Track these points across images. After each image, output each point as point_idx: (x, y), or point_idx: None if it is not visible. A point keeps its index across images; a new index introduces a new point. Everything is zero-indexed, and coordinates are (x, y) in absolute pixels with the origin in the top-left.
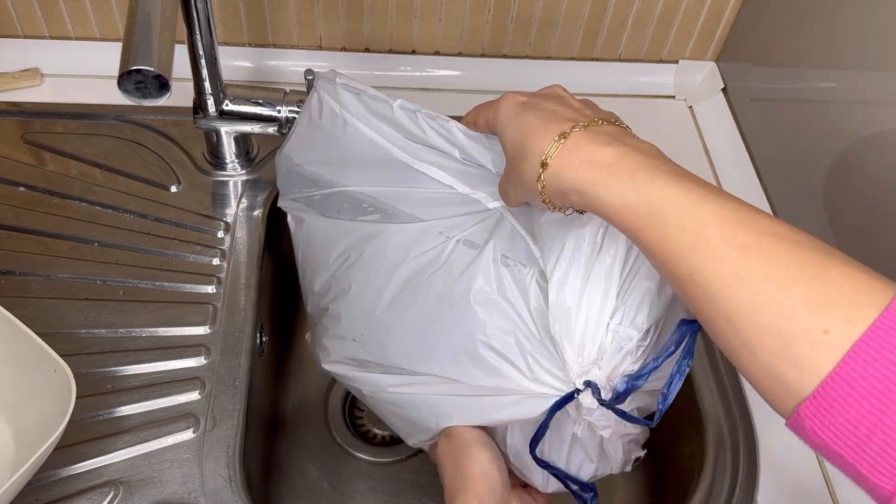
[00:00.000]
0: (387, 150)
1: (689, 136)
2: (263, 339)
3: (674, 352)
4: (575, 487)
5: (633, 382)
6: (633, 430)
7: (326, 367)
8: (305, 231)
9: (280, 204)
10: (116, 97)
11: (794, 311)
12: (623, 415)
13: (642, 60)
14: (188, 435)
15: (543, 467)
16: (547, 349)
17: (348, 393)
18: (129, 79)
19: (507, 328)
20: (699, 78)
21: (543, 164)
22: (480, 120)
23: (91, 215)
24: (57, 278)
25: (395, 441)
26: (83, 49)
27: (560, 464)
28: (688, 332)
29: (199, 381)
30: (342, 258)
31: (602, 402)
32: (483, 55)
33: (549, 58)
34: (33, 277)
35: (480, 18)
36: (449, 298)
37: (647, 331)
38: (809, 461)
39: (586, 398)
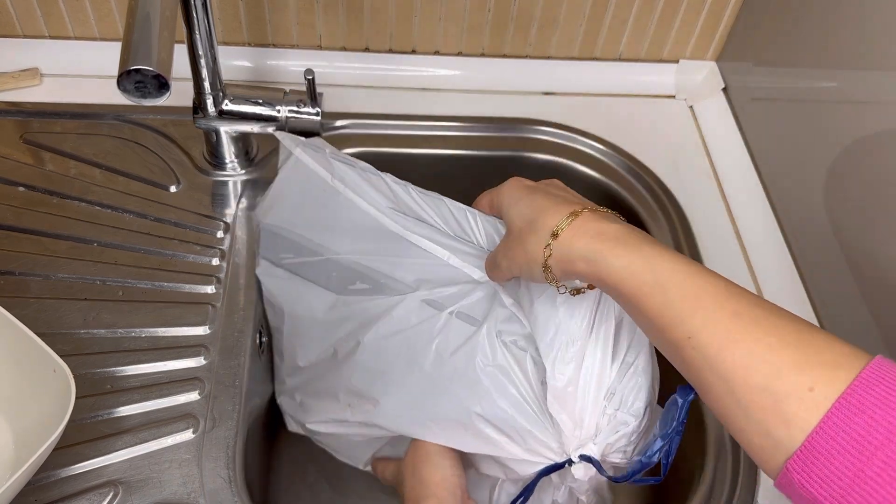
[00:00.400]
0: (379, 221)
1: (690, 136)
2: (263, 339)
3: (680, 424)
4: None
5: (647, 460)
6: (606, 492)
7: (311, 426)
8: (288, 295)
9: (259, 272)
10: (116, 97)
11: (783, 372)
12: (634, 481)
13: (643, 60)
14: (188, 435)
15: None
16: (542, 422)
17: None
18: (128, 78)
19: (503, 403)
20: (700, 78)
21: (554, 235)
22: (484, 201)
23: (90, 215)
24: (56, 278)
25: None
26: (83, 49)
27: None
28: (685, 403)
29: (198, 381)
30: (333, 326)
31: (609, 478)
32: (483, 55)
33: (549, 57)
34: (33, 277)
35: (480, 18)
36: (445, 370)
37: (643, 414)
38: None
39: (579, 470)
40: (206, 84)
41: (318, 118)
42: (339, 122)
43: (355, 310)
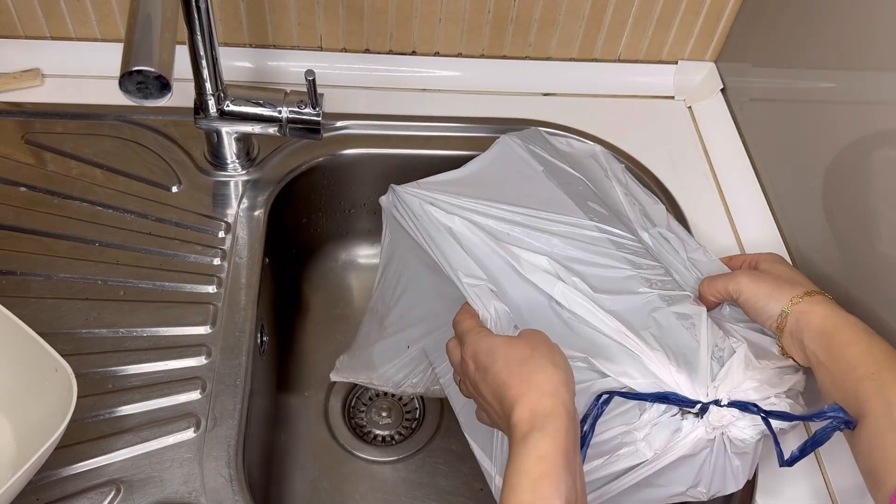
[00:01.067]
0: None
1: (689, 137)
2: (264, 338)
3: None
4: None
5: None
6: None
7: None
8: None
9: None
10: (117, 97)
11: None
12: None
13: (642, 61)
14: (189, 434)
15: (589, 422)
16: (706, 367)
17: (348, 393)
18: (130, 79)
19: (687, 339)
20: (698, 78)
21: (808, 294)
22: (738, 259)
23: (91, 215)
24: (58, 278)
25: (395, 441)
26: (84, 49)
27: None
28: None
29: (199, 380)
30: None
31: (779, 415)
32: (483, 56)
33: (548, 58)
34: (34, 277)
35: (480, 19)
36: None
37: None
38: (809, 461)
39: (717, 414)
40: (208, 85)
41: (319, 119)
42: (339, 123)
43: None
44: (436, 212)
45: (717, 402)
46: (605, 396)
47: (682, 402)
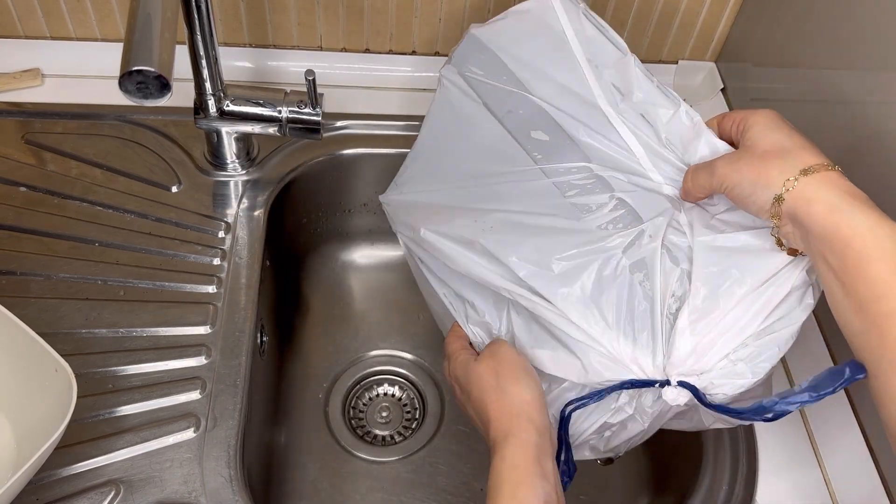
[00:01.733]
0: (590, 88)
1: None
2: (264, 338)
3: (832, 392)
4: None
5: (783, 407)
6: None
7: (426, 233)
8: (458, 109)
9: (443, 71)
10: (117, 97)
11: None
12: (743, 416)
13: (642, 61)
14: (189, 434)
15: (561, 431)
16: (658, 334)
17: (348, 393)
18: (130, 79)
19: (639, 301)
20: (699, 78)
21: (805, 172)
22: (727, 119)
23: (91, 215)
24: (57, 278)
25: (395, 441)
26: (84, 49)
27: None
28: (851, 378)
29: (199, 380)
30: (488, 161)
31: (712, 405)
32: None
33: None
34: (34, 277)
35: (480, 19)
36: (597, 246)
37: (762, 377)
38: (809, 461)
39: (671, 393)
40: (207, 85)
41: (319, 119)
42: (339, 123)
43: (518, 159)
44: (408, 234)
45: (668, 382)
46: (568, 410)
47: (642, 385)
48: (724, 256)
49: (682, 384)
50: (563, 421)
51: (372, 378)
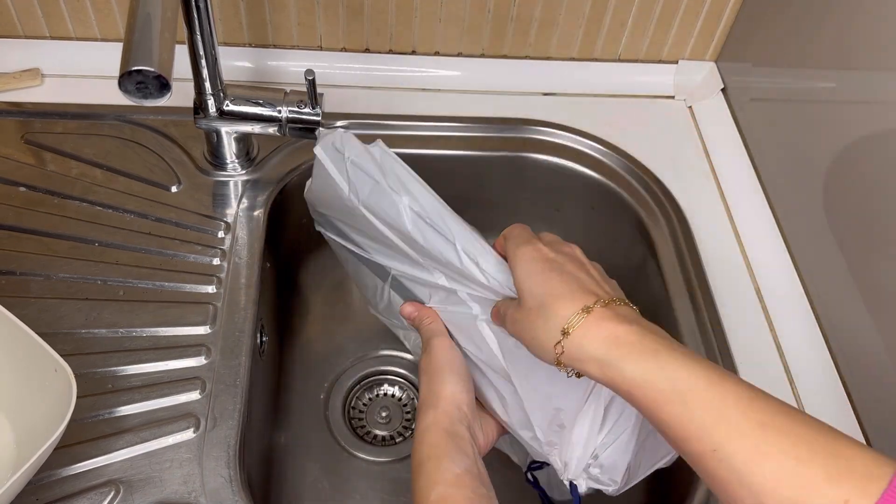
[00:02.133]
0: (395, 242)
1: (689, 137)
2: (264, 338)
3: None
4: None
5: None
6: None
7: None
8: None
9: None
10: (117, 97)
11: (816, 485)
12: None
13: (642, 60)
14: (188, 435)
15: (533, 485)
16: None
17: (348, 393)
18: (129, 79)
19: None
20: (699, 78)
21: (565, 332)
22: (497, 247)
23: (91, 215)
24: (57, 278)
25: (394, 441)
26: (84, 49)
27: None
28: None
29: (199, 380)
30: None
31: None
32: (483, 55)
33: (549, 58)
34: (34, 277)
35: (480, 19)
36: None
37: (620, 481)
38: None
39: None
40: (207, 84)
41: (319, 118)
42: (339, 123)
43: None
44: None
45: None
46: (530, 474)
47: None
48: (541, 387)
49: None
50: (533, 482)
51: (372, 378)
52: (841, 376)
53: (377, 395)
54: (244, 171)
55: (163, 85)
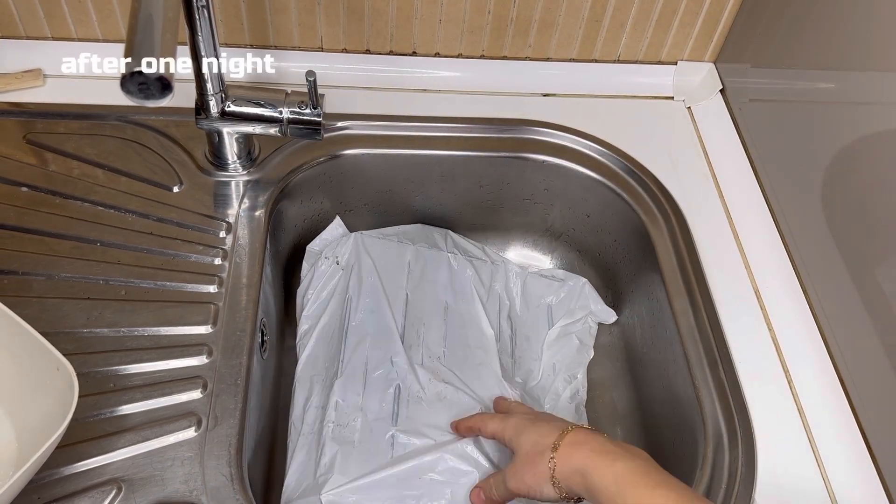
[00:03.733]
0: None
1: (688, 137)
2: (265, 338)
3: None
4: None
5: None
6: None
7: None
8: None
9: None
10: (118, 98)
11: None
12: None
13: (641, 62)
14: (190, 433)
15: None
16: None
17: None
18: (131, 80)
19: None
20: (698, 79)
21: (554, 448)
22: (489, 429)
23: (93, 215)
24: (59, 278)
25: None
26: (85, 50)
27: None
28: None
29: (200, 380)
30: None
31: None
32: (483, 56)
33: (548, 59)
34: (36, 277)
35: (480, 20)
36: None
37: None
38: (807, 460)
39: None
40: (209, 85)
41: (320, 119)
42: (340, 123)
43: None
44: None
45: None
46: None
47: None
48: None
49: None
50: None
51: None
52: (839, 375)
53: None
54: (245, 172)
55: (164, 86)
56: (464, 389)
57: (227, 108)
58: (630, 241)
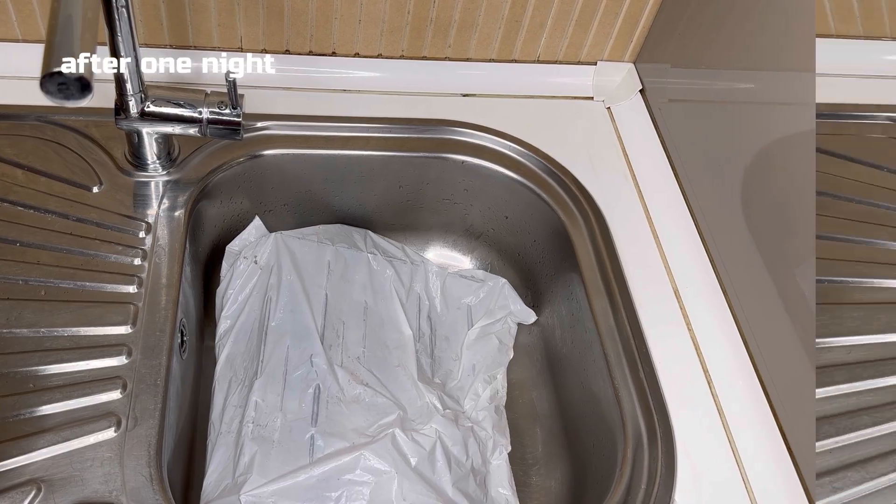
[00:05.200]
0: None
1: (608, 137)
2: (185, 338)
3: None
4: None
5: None
6: None
7: None
8: None
9: None
10: (38, 98)
11: None
12: None
13: (561, 62)
14: (109, 434)
15: None
16: None
17: None
18: (51, 80)
19: None
20: (617, 79)
21: None
22: None
23: (12, 215)
24: None
25: None
26: (4, 50)
27: None
28: None
29: (120, 380)
30: None
31: None
32: (402, 57)
33: (468, 59)
34: None
35: (400, 20)
36: None
37: None
38: (727, 458)
39: None
40: (128, 86)
41: (239, 119)
42: (260, 124)
43: None
44: None
45: None
46: None
47: None
48: None
49: None
50: None
51: None
52: (758, 374)
53: None
54: (165, 172)
55: (84, 86)
56: (382, 392)
57: (146, 109)
58: (550, 242)
